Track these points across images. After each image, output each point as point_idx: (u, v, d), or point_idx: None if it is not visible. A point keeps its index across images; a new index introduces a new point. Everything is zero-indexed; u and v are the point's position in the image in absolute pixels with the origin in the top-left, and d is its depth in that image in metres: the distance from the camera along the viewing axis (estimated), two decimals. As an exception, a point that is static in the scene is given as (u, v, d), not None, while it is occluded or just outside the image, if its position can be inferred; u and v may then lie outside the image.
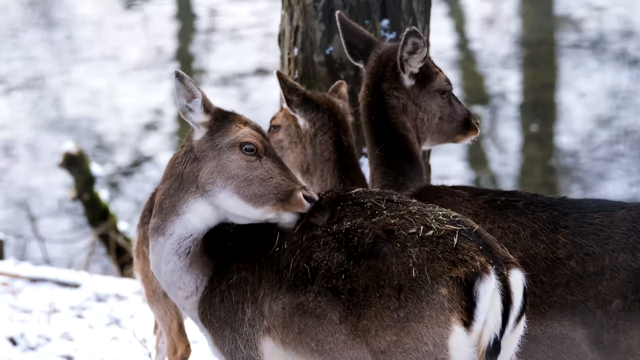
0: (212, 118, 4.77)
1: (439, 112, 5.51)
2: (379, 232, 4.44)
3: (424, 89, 5.49)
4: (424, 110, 5.49)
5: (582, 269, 4.89)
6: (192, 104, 4.76)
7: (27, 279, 9.96)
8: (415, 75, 5.46)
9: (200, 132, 4.77)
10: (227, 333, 4.71)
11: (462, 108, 5.56)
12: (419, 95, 5.49)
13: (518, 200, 5.11)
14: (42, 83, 18.36)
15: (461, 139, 5.60)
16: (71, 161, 13.46)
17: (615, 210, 4.98)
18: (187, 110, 4.76)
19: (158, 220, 4.79)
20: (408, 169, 5.45)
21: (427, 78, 5.48)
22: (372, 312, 4.36)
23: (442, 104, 5.52)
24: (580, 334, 4.88)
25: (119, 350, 8.29)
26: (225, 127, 4.75)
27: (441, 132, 5.55)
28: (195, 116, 4.76)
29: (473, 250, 4.34)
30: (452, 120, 5.54)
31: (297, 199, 4.65)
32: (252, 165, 4.69)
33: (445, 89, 5.51)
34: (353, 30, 5.65)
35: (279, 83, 5.78)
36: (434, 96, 5.50)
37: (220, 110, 4.81)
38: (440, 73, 5.53)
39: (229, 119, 4.78)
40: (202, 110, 4.76)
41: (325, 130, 5.87)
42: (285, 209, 4.66)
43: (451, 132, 5.56)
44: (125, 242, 13.18)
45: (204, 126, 4.77)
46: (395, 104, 5.49)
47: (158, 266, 4.82)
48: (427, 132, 5.52)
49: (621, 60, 17.79)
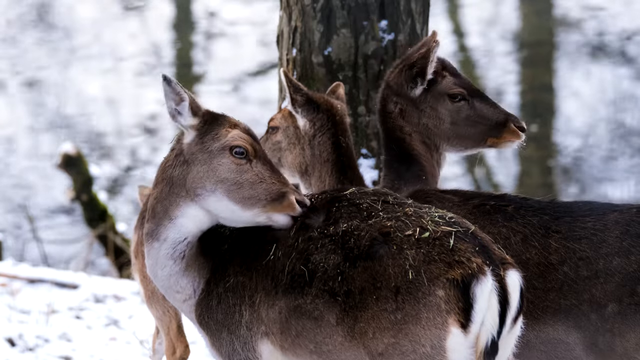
0: (201, 121, 4.76)
1: (449, 116, 5.46)
2: (375, 235, 4.43)
3: (429, 93, 5.47)
4: (428, 116, 5.46)
5: (575, 274, 4.88)
6: (180, 107, 4.75)
7: (25, 279, 9.96)
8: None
9: (189, 135, 4.76)
10: (224, 335, 4.71)
11: (495, 111, 5.46)
12: (423, 100, 5.48)
13: (507, 205, 5.09)
14: (41, 84, 18.35)
15: (498, 144, 5.49)
16: (69, 162, 13.46)
17: (606, 213, 4.96)
18: (176, 114, 4.76)
19: (152, 225, 4.78)
20: (403, 172, 5.45)
21: (432, 82, 5.47)
22: (369, 314, 4.36)
23: (452, 108, 5.46)
24: (574, 338, 4.87)
25: (117, 351, 8.29)
26: (214, 130, 4.74)
27: (463, 137, 5.48)
28: (183, 119, 4.75)
29: (469, 251, 4.34)
30: (475, 124, 5.46)
31: (288, 201, 4.64)
32: (242, 169, 4.68)
33: (455, 93, 5.47)
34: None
35: (286, 82, 5.78)
36: (441, 100, 5.46)
37: (210, 112, 4.80)
38: (448, 76, 5.49)
39: (219, 122, 4.76)
40: (190, 113, 4.75)
41: (324, 131, 5.87)
42: (276, 211, 4.64)
43: (478, 137, 5.47)
44: (124, 243, 13.18)
45: (193, 129, 4.76)
46: (393, 108, 5.51)
47: (154, 271, 4.82)
48: (437, 137, 5.48)
49: (620, 61, 17.79)
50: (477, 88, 5.52)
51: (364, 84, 6.59)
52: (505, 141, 5.48)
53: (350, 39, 6.56)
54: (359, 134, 6.57)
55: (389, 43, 6.57)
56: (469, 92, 5.49)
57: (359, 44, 6.56)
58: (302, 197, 4.67)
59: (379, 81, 6.58)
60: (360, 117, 6.61)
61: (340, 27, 6.56)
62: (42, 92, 18.16)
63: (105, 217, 13.43)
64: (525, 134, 5.50)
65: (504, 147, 5.51)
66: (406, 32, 6.59)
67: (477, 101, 5.47)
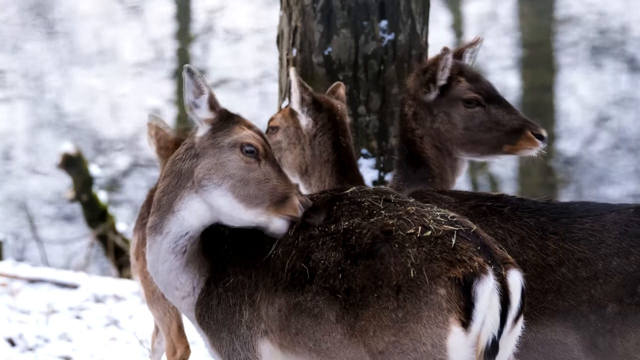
0: (217, 116, 4.78)
1: (462, 122, 5.43)
2: (377, 233, 4.44)
3: (444, 98, 5.47)
4: (440, 120, 5.45)
5: (574, 275, 4.88)
6: (199, 100, 4.77)
7: (25, 279, 9.96)
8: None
9: (203, 129, 4.78)
10: (224, 335, 4.71)
11: (511, 117, 5.42)
12: (437, 105, 5.47)
13: (504, 206, 5.08)
14: (41, 84, 18.35)
15: (515, 151, 5.45)
16: (70, 162, 13.47)
17: (604, 213, 4.96)
18: (194, 107, 4.77)
19: (155, 218, 4.79)
20: (411, 174, 5.47)
21: (446, 87, 5.46)
22: (370, 312, 4.36)
23: (465, 114, 5.44)
24: (573, 339, 4.87)
25: (117, 351, 8.30)
26: (228, 127, 4.76)
27: (477, 143, 5.45)
28: (200, 112, 4.77)
29: (471, 250, 4.34)
30: (489, 130, 5.43)
31: (292, 204, 4.64)
32: (251, 167, 4.69)
33: (469, 98, 5.45)
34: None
35: (297, 82, 5.79)
36: (455, 105, 5.45)
37: (227, 110, 4.82)
38: (463, 82, 5.48)
39: (234, 120, 4.79)
40: (207, 107, 4.77)
41: (324, 131, 5.89)
42: (279, 212, 4.64)
43: (493, 143, 5.43)
44: (124, 243, 13.18)
45: (208, 123, 4.77)
46: (407, 111, 5.53)
47: (155, 266, 4.82)
48: (449, 142, 5.46)
49: (620, 62, 17.79)
50: (497, 94, 5.47)
51: (364, 84, 6.60)
52: (522, 148, 5.44)
53: (350, 39, 6.56)
54: (359, 134, 6.58)
55: (389, 43, 6.58)
56: (486, 98, 5.44)
57: (359, 44, 6.57)
58: (307, 200, 4.67)
59: (379, 81, 6.60)
60: (360, 117, 6.61)
61: (340, 27, 6.56)
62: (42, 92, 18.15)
63: (106, 217, 13.43)
64: (543, 141, 5.45)
65: (520, 154, 5.46)
66: (406, 32, 6.60)
67: (493, 107, 5.43)
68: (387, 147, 6.64)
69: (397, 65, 6.60)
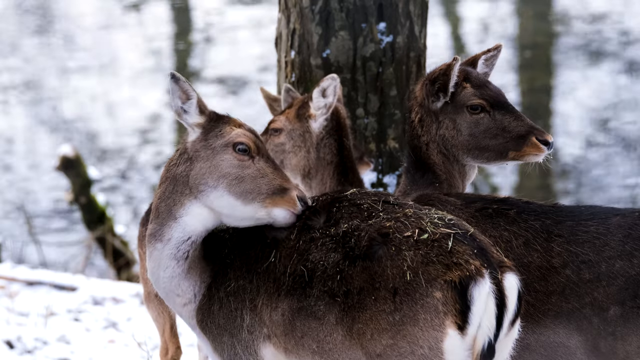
0: (207, 119, 4.79)
1: (467, 128, 5.41)
2: (374, 235, 4.44)
3: (450, 105, 5.46)
4: (445, 127, 5.44)
5: (577, 277, 4.88)
6: (186, 105, 4.78)
7: (24, 282, 9.96)
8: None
9: (194, 133, 4.79)
10: (225, 339, 4.71)
11: (517, 123, 5.39)
12: (443, 112, 5.47)
13: (510, 209, 5.08)
14: (40, 86, 18.35)
15: (520, 157, 5.43)
16: (68, 164, 13.46)
17: (609, 217, 4.96)
18: (182, 112, 4.78)
19: (155, 226, 4.79)
20: (418, 179, 5.47)
21: (452, 94, 5.44)
22: (367, 315, 4.36)
23: (470, 120, 5.42)
24: (576, 341, 4.87)
25: (115, 354, 8.29)
26: (219, 128, 4.77)
27: (483, 149, 5.43)
28: (190, 117, 4.78)
29: (468, 253, 4.34)
30: (495, 136, 5.41)
31: (289, 196, 4.65)
32: (244, 165, 4.70)
33: (474, 104, 5.44)
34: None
35: (339, 88, 5.84)
36: (460, 112, 5.44)
37: (215, 112, 4.83)
38: (469, 87, 5.44)
39: (224, 121, 4.80)
40: (197, 112, 4.78)
41: (331, 134, 5.92)
42: (277, 205, 4.65)
43: (499, 149, 5.41)
44: (122, 245, 13.18)
45: (199, 127, 4.78)
46: (414, 117, 5.52)
47: (156, 273, 4.81)
48: (454, 148, 5.45)
49: (618, 63, 17.80)
50: (503, 100, 5.45)
51: (363, 86, 6.60)
52: (527, 154, 5.42)
53: (348, 42, 6.57)
54: (357, 136, 6.58)
55: (388, 45, 6.58)
56: (491, 104, 5.41)
57: (358, 46, 6.57)
58: (304, 194, 4.68)
59: (377, 83, 6.60)
60: (358, 119, 6.62)
61: (338, 30, 6.57)
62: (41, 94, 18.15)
63: (104, 220, 13.43)
64: (549, 147, 5.43)
65: (526, 160, 5.44)
66: (405, 35, 6.60)
67: (498, 113, 5.41)
68: (385, 149, 6.64)
69: (396, 67, 6.61)
